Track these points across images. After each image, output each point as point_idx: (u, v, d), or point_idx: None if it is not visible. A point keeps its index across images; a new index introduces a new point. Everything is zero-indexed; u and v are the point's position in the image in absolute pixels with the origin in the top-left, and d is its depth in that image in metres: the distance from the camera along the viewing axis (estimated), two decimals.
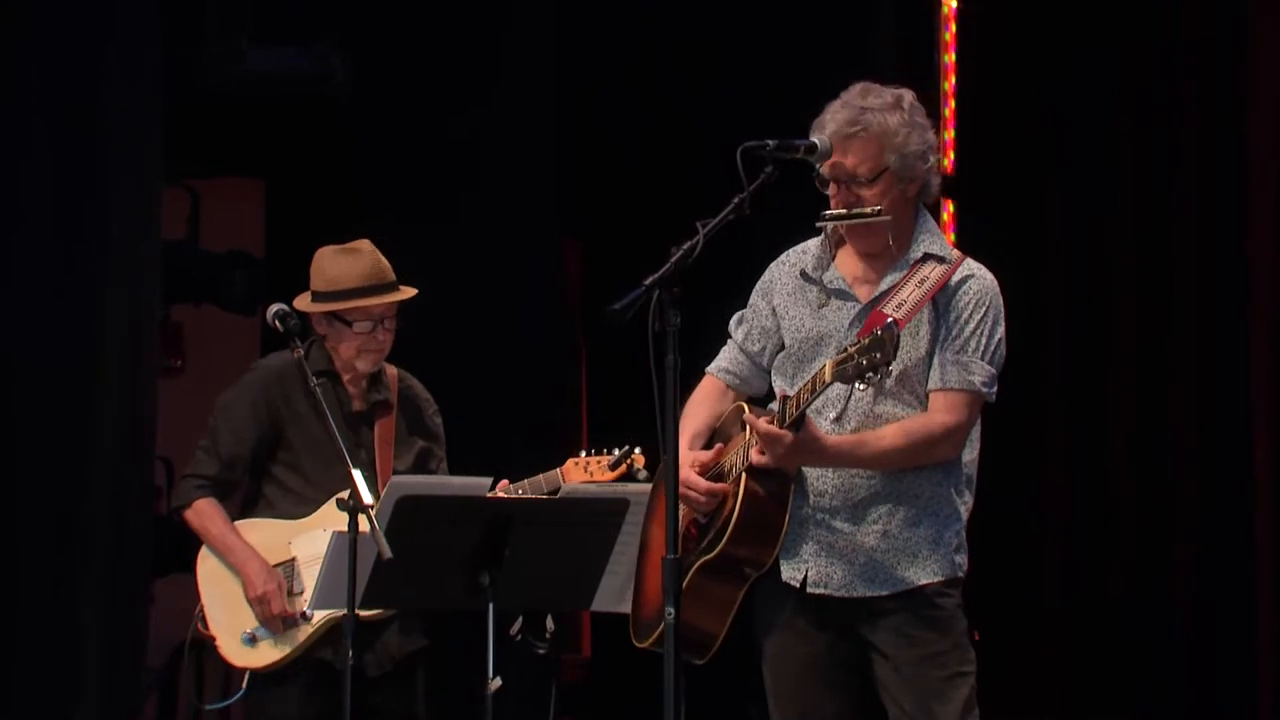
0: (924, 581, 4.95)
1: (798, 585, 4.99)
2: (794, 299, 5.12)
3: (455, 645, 6.13)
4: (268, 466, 6.07)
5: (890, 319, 4.70)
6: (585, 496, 5.29)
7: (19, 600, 7.02)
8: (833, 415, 4.97)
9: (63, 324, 7.11)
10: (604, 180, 8.79)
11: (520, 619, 6.12)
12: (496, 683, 5.14)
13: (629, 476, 6.09)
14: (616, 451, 6.13)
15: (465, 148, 8.53)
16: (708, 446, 5.14)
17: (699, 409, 5.20)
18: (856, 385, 4.74)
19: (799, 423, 4.84)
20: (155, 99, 7.33)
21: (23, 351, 7.06)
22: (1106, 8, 8.17)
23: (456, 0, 8.51)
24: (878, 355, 4.64)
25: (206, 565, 6.04)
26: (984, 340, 4.95)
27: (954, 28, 8.23)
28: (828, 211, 5.03)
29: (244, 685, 5.97)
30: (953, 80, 8.24)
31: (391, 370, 6.21)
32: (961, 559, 5.01)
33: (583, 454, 6.17)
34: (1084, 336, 8.23)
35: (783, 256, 5.21)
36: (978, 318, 4.96)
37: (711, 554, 4.96)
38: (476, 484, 5.40)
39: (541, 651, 6.24)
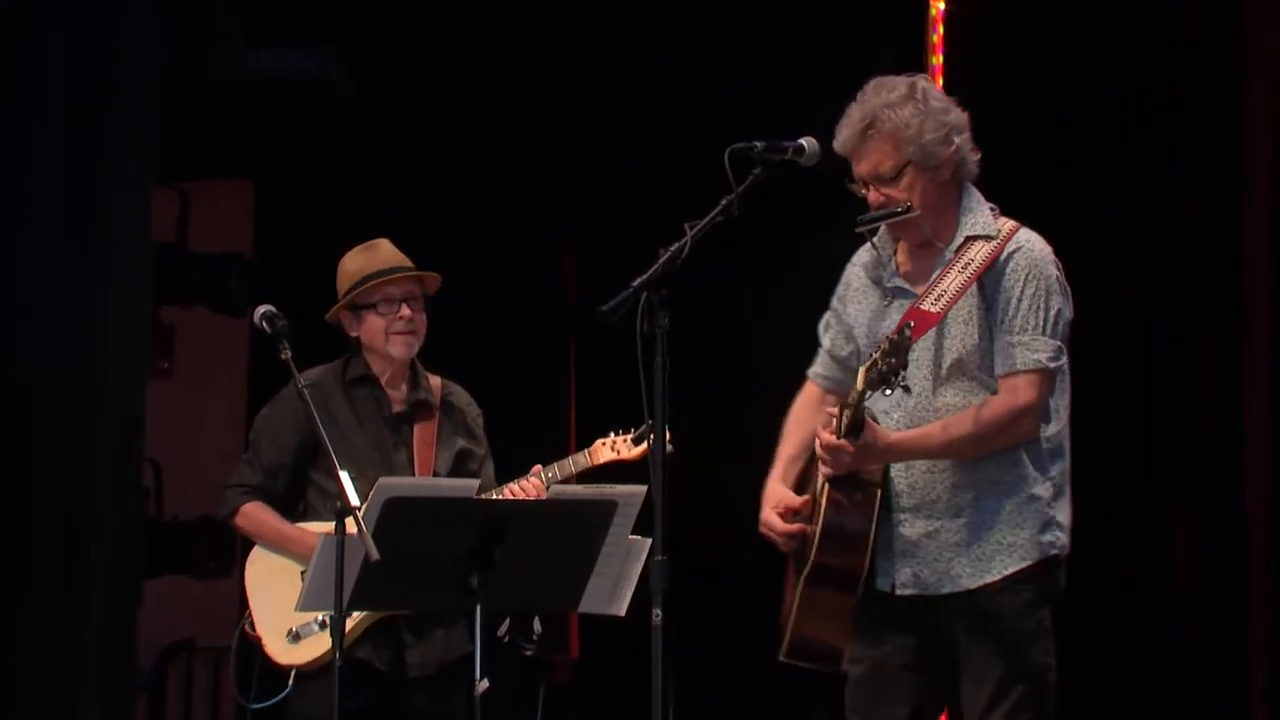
0: (1010, 570, 4.88)
1: (889, 589, 4.96)
2: (862, 300, 5.11)
3: None
4: (309, 474, 6.11)
5: (904, 325, 4.67)
6: (573, 498, 5.28)
7: (29, 601, 7.05)
8: (896, 414, 4.95)
9: (70, 325, 7.16)
10: (606, 180, 8.77)
11: (508, 620, 6.11)
12: (484, 684, 5.13)
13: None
14: (642, 427, 6.10)
15: (462, 148, 8.54)
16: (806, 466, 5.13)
17: (796, 429, 5.20)
18: (884, 391, 4.71)
19: (856, 429, 4.82)
20: (157, 100, 7.36)
21: (31, 352, 7.10)
22: (1102, 7, 8.15)
23: (458, 1, 8.51)
24: (894, 360, 4.62)
25: (255, 568, 6.09)
26: (1040, 314, 4.89)
27: (942, 29, 8.21)
28: (861, 215, 5.00)
29: (290, 683, 5.95)
30: (940, 82, 8.22)
31: (435, 378, 6.27)
32: (1050, 537, 4.92)
33: (611, 434, 6.18)
34: (1085, 338, 8.19)
35: (855, 256, 5.19)
36: (1029, 293, 4.89)
37: (807, 568, 4.96)
38: (465, 485, 5.39)
39: (529, 653, 6.24)
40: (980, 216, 5.00)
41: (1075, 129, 8.12)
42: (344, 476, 5.21)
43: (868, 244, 5.11)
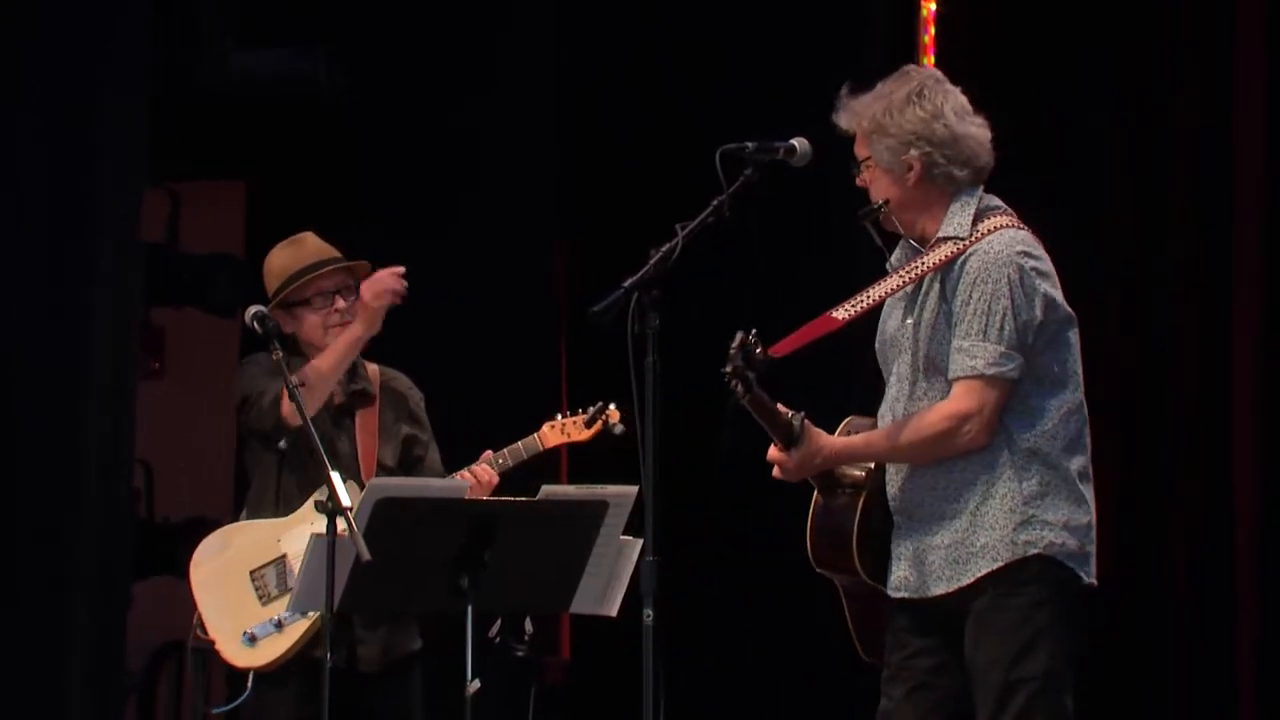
0: (983, 572, 4.85)
1: (891, 592, 4.99)
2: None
3: (434, 647, 6.14)
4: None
5: (749, 329, 4.69)
6: (565, 498, 5.28)
7: (14, 603, 7.05)
8: (889, 418, 4.96)
9: (57, 325, 7.15)
10: (597, 181, 8.77)
11: (499, 621, 6.11)
12: (475, 685, 5.13)
13: (606, 432, 6.07)
14: (591, 409, 6.08)
15: (454, 148, 8.53)
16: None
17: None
18: (741, 392, 4.72)
19: (790, 440, 4.83)
20: (143, 100, 7.36)
21: (20, 352, 7.10)
22: (1094, 8, 8.15)
23: (449, 2, 8.51)
24: (735, 365, 4.67)
25: (200, 571, 6.00)
26: (983, 319, 4.82)
27: (933, 30, 8.21)
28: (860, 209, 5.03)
29: (249, 686, 5.91)
30: None
31: (372, 366, 6.21)
32: (1029, 536, 4.84)
33: (558, 416, 6.13)
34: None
35: None
36: (975, 296, 4.83)
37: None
38: (456, 486, 5.39)
39: (520, 654, 6.24)
40: (961, 218, 4.93)
41: (1067, 130, 8.13)
42: (335, 476, 5.20)
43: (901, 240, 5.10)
